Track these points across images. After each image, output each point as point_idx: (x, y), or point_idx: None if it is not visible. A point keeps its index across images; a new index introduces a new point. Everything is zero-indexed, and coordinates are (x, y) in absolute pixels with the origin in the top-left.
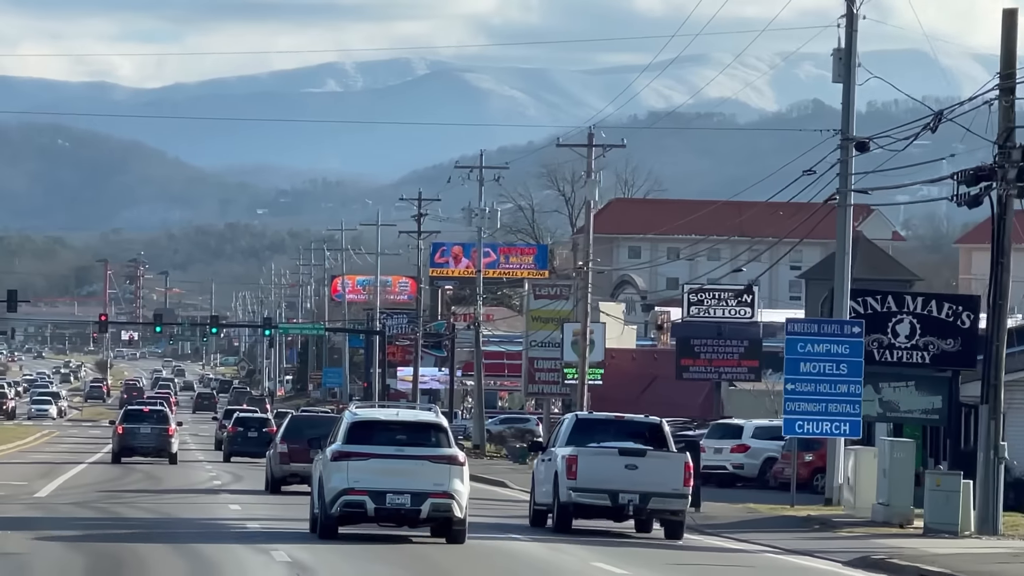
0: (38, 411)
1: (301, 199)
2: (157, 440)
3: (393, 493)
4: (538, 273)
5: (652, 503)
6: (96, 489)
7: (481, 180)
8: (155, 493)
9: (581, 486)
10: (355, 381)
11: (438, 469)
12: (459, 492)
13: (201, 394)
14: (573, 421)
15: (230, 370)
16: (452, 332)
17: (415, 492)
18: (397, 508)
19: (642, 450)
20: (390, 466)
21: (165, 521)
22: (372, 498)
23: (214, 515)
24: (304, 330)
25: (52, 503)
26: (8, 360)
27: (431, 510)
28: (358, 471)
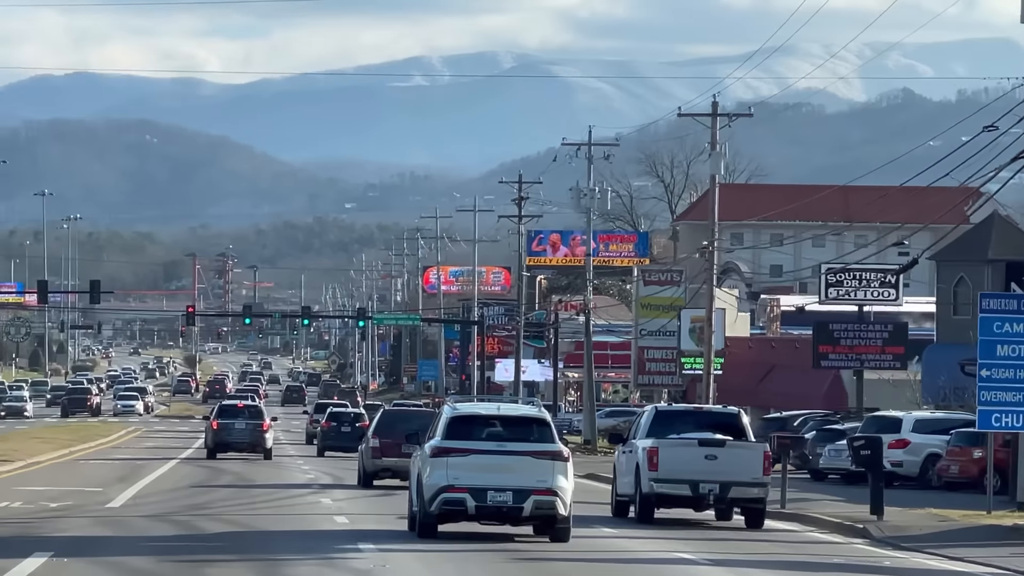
0: (124, 407)
1: (389, 193)
2: (252, 436)
3: (494, 490)
4: (638, 261)
5: (732, 492)
6: (179, 496)
7: (590, 158)
8: (246, 500)
9: (662, 477)
10: (451, 374)
11: (541, 465)
12: (563, 489)
13: (290, 387)
14: (653, 413)
15: (320, 364)
16: (555, 322)
17: (517, 489)
18: (499, 506)
19: (721, 440)
20: (491, 462)
21: (255, 536)
22: (473, 495)
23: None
24: (399, 320)
25: (126, 516)
26: (102, 356)
27: (534, 507)
28: (458, 468)
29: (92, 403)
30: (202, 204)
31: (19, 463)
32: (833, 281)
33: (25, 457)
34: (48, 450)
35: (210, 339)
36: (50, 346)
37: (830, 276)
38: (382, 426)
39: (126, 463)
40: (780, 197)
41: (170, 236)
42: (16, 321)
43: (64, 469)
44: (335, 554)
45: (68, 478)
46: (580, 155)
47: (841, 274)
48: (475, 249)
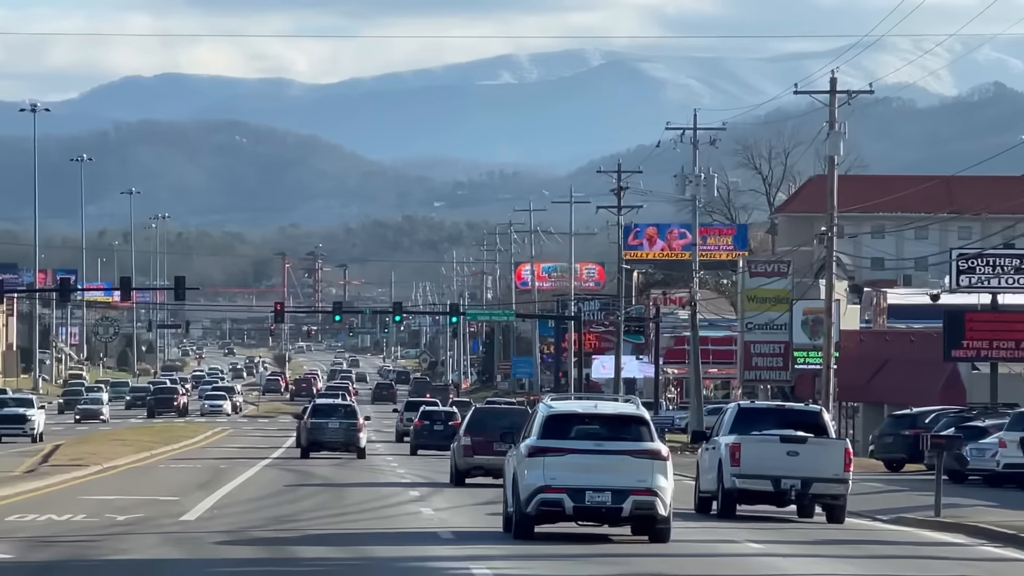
0: (211, 407)
1: (478, 191)
2: (346, 435)
3: (593, 490)
4: (737, 254)
5: (813, 488)
6: (263, 506)
7: (695, 142)
8: (336, 510)
9: (744, 472)
10: (545, 372)
11: (640, 464)
12: (663, 488)
13: (380, 385)
14: (736, 410)
15: (411, 362)
16: (656, 316)
17: (616, 489)
18: (597, 506)
19: (803, 437)
20: (589, 462)
21: (350, 557)
22: (570, 496)
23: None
24: (493, 316)
25: (200, 532)
26: (195, 356)
27: (633, 508)
28: (555, 467)
29: (179, 403)
30: (291, 204)
31: (93, 468)
32: (964, 268)
33: (101, 461)
34: (127, 453)
35: (300, 338)
36: (139, 346)
37: (961, 263)
38: (474, 424)
39: (209, 467)
40: (879, 188)
41: (260, 236)
42: (104, 321)
43: (141, 474)
44: None
45: (143, 485)
46: (685, 140)
47: (974, 260)
48: (571, 241)
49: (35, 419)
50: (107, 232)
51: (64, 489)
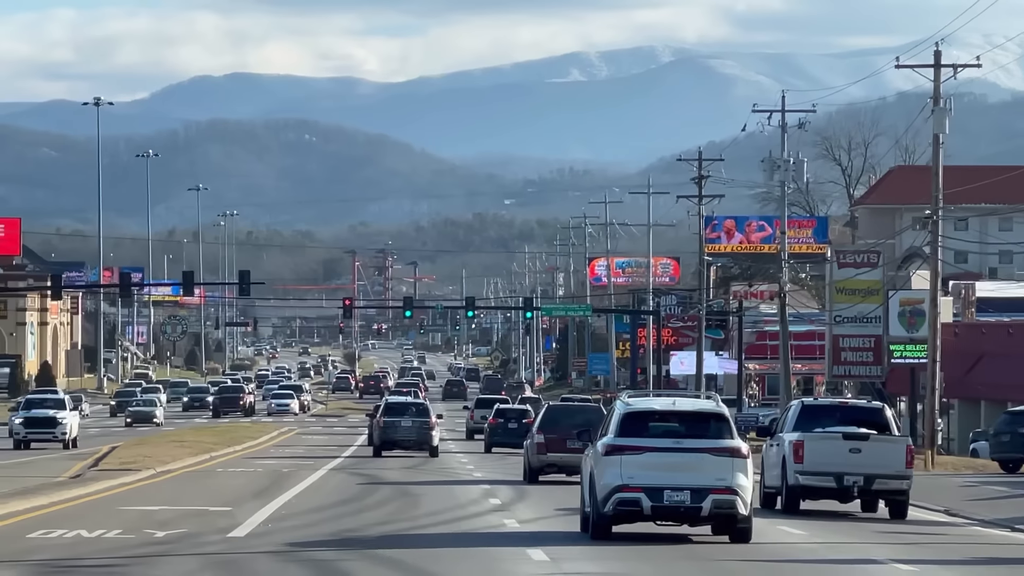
0: (278, 406)
1: (548, 188)
2: (419, 433)
3: (671, 489)
4: (817, 247)
5: (876, 484)
6: (325, 518)
7: (784, 124)
8: (407, 522)
9: (808, 469)
10: (621, 368)
11: (720, 462)
12: (743, 487)
13: (450, 382)
14: (799, 407)
15: (483, 360)
16: (740, 310)
17: (695, 488)
18: (676, 506)
19: (865, 434)
20: (667, 460)
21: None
22: (648, 495)
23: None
24: (568, 311)
25: (250, 551)
26: (269, 355)
27: (713, 507)
28: (633, 466)
29: (244, 402)
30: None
31: (146, 472)
32: None
33: (154, 465)
34: (184, 456)
35: (370, 336)
36: (207, 345)
37: None
38: (547, 422)
39: (270, 471)
40: (959, 180)
41: (330, 234)
42: (172, 320)
43: (195, 480)
44: None
45: (195, 492)
46: (772, 124)
47: None
48: (649, 233)
49: (67, 422)
50: (176, 231)
51: (106, 498)
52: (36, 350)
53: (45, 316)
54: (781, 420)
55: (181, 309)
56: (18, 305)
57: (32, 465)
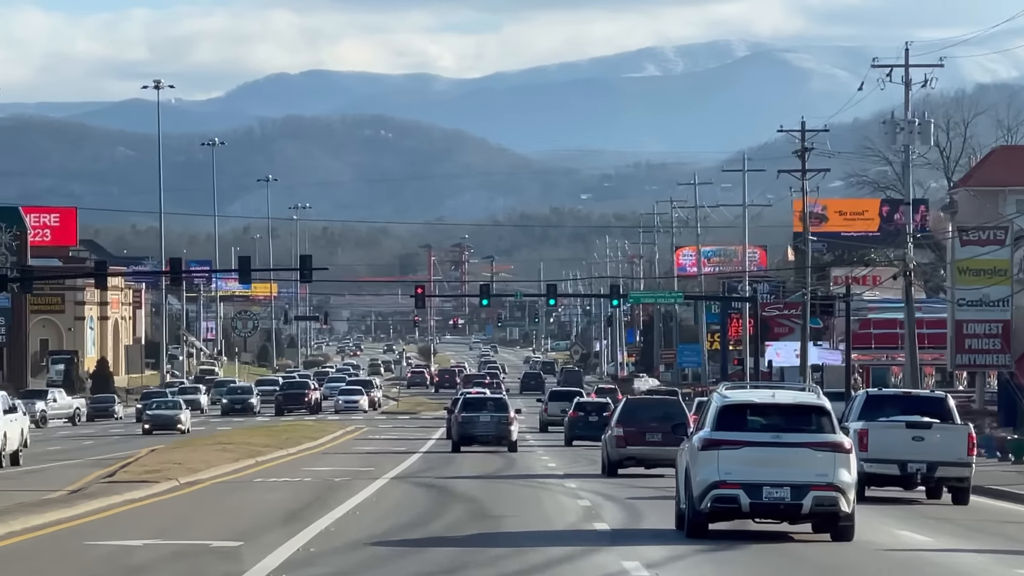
0: (347, 403)
1: (625, 183)
2: (497, 428)
3: (770, 486)
4: None
5: (939, 471)
6: (367, 561)
7: (907, 82)
8: (481, 557)
9: (872, 457)
10: (711, 361)
11: (821, 457)
12: (846, 483)
13: (528, 375)
14: (864, 397)
15: (562, 355)
16: (847, 295)
17: (795, 484)
18: (776, 503)
19: (928, 423)
20: (766, 455)
21: None
22: (746, 491)
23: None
24: (658, 298)
25: None
26: (351, 352)
27: (814, 504)
28: (730, 461)
29: (310, 399)
30: (438, 198)
31: (165, 485)
32: None
33: (182, 474)
34: (224, 462)
35: (446, 332)
36: (280, 341)
37: None
38: (625, 415)
39: (319, 482)
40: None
41: (406, 230)
42: (243, 315)
43: (220, 495)
44: None
45: (207, 515)
46: (896, 78)
47: None
48: (745, 213)
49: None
50: (251, 227)
51: (89, 524)
52: (96, 346)
53: (105, 310)
54: (847, 410)
55: (253, 305)
56: (76, 299)
57: (43, 475)
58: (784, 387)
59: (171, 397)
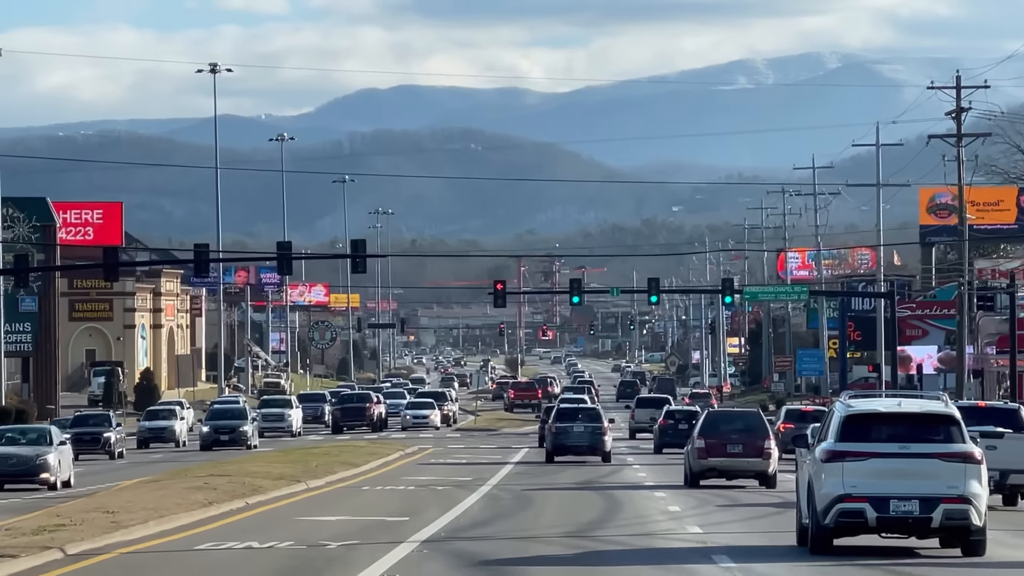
0: (415, 419)
1: (717, 195)
2: (591, 439)
3: (898, 499)
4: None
5: (1010, 479)
6: None
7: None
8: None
9: None
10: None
11: (951, 469)
12: (976, 496)
13: (624, 383)
14: None
15: (656, 367)
16: (1011, 285)
17: (924, 497)
18: (903, 516)
19: (1000, 432)
20: (893, 467)
21: None
22: (873, 505)
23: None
24: (779, 294)
25: None
26: (450, 364)
27: (943, 518)
28: (855, 474)
29: (371, 414)
30: (528, 211)
31: (38, 559)
32: None
33: (95, 533)
34: (193, 506)
35: (536, 344)
36: (360, 353)
37: None
38: (707, 427)
39: (312, 551)
40: None
41: (496, 243)
42: (320, 325)
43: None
44: None
45: None
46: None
47: None
48: (879, 193)
49: None
50: (340, 241)
51: None
52: (148, 356)
53: (159, 318)
54: None
55: (334, 316)
56: (126, 305)
57: None
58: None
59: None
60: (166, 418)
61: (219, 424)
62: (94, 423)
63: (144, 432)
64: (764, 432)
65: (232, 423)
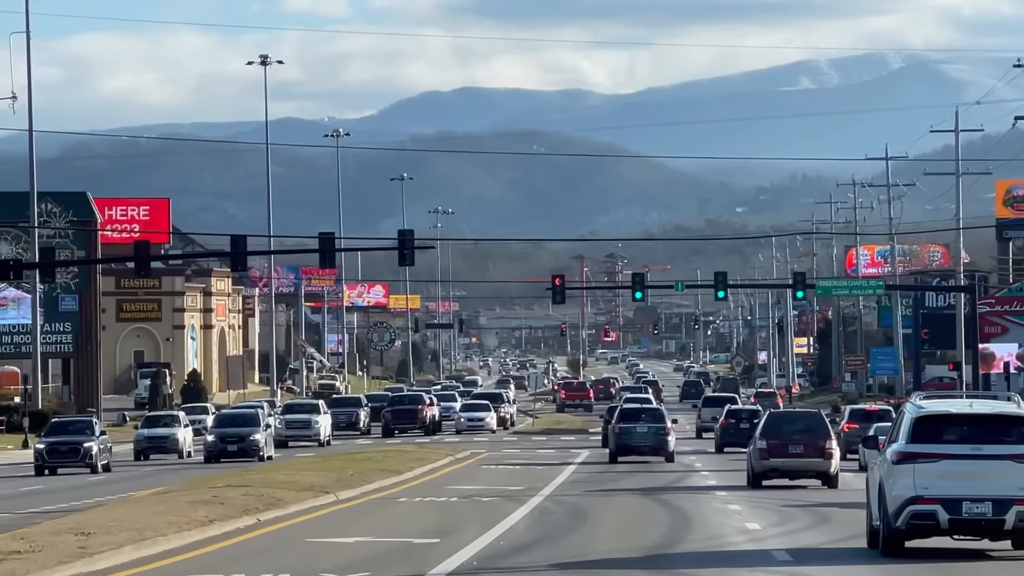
0: (470, 422)
1: (780, 195)
2: (654, 439)
3: (970, 501)
4: None
5: None
6: None
7: None
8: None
9: None
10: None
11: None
12: None
13: (688, 383)
14: None
15: (721, 367)
16: None
17: (997, 499)
18: (976, 518)
19: None
20: (965, 468)
21: None
22: (945, 507)
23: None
24: (853, 289)
25: None
26: (515, 367)
27: (1017, 520)
28: (927, 475)
29: (424, 417)
30: (591, 213)
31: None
32: None
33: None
34: (190, 525)
35: (599, 346)
36: (421, 355)
37: None
38: (768, 427)
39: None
40: None
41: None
42: (379, 327)
43: None
44: None
45: None
46: None
47: None
48: (958, 181)
49: None
50: None
51: None
52: (199, 358)
53: (209, 318)
54: None
55: (394, 317)
56: (175, 305)
57: None
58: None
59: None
60: (167, 425)
61: (226, 432)
62: (73, 431)
63: (142, 441)
64: (825, 432)
65: (241, 431)
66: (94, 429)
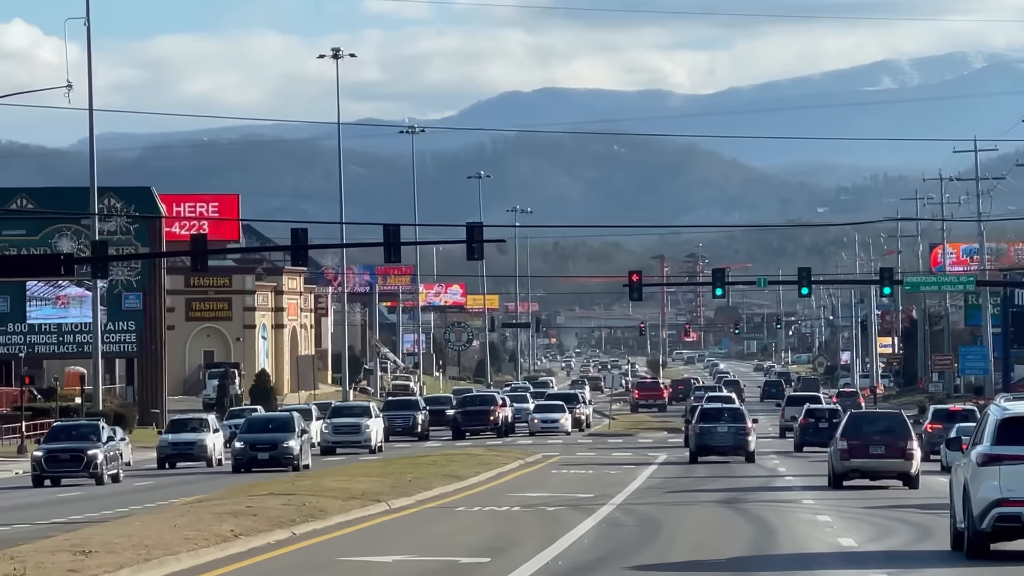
0: (543, 423)
1: (862, 196)
2: (735, 439)
3: None
4: None
5: None
6: None
7: None
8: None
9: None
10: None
11: None
12: None
13: (769, 383)
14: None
15: (803, 368)
16: None
17: None
18: None
19: None
20: None
21: None
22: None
23: None
24: (942, 285)
25: None
26: (597, 368)
27: None
28: (1012, 478)
29: (496, 418)
30: (671, 213)
31: None
32: None
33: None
34: (218, 540)
35: (679, 346)
36: (500, 356)
37: None
38: (849, 428)
39: None
40: None
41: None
42: (457, 327)
43: None
44: None
45: None
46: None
47: None
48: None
49: None
50: None
51: None
52: (270, 358)
53: (281, 317)
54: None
55: (471, 317)
56: (245, 304)
57: None
58: None
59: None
60: (195, 430)
61: (257, 438)
62: (76, 436)
63: (166, 448)
64: (906, 433)
65: (273, 437)
66: (100, 434)
